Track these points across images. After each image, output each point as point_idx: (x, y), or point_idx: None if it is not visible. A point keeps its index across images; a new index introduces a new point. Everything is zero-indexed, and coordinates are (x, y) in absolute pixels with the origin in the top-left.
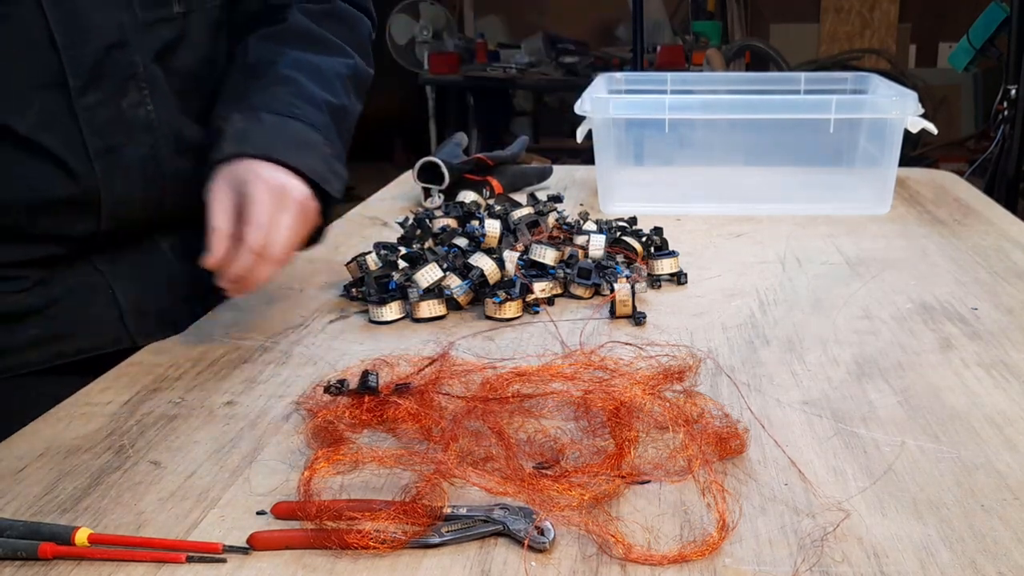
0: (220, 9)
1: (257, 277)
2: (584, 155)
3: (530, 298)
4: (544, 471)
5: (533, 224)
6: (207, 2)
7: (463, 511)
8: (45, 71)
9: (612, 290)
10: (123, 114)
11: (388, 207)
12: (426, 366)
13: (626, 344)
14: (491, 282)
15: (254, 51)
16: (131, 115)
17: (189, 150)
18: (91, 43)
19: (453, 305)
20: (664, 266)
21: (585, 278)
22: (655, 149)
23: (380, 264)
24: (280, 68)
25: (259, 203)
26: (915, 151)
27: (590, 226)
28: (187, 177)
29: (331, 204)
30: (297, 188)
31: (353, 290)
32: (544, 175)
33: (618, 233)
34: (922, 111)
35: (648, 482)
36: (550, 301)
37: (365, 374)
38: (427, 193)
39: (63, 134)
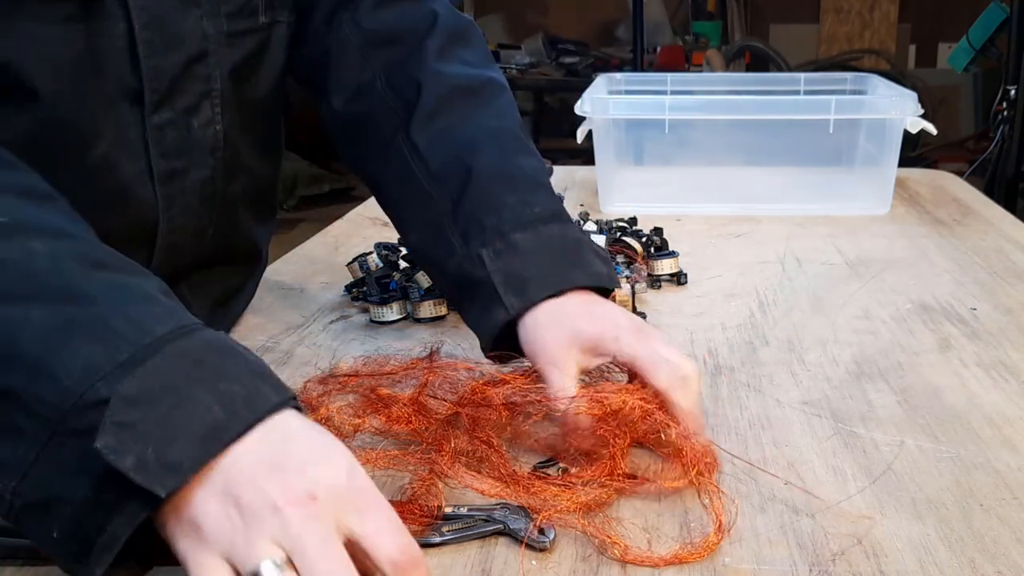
0: (293, 25)
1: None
2: (584, 155)
3: None
4: (543, 472)
5: None
6: (287, 15)
7: (463, 511)
8: (120, 85)
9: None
10: (192, 135)
11: None
12: (409, 367)
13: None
14: None
15: (431, 154)
16: (200, 135)
17: (241, 173)
18: (173, 54)
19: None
20: (664, 266)
21: None
22: (655, 149)
23: (381, 264)
24: (476, 161)
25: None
26: (915, 151)
27: (590, 226)
28: (234, 203)
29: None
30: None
31: (354, 290)
32: None
33: (618, 233)
34: (922, 111)
35: (647, 482)
36: None
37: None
38: None
39: (132, 157)
